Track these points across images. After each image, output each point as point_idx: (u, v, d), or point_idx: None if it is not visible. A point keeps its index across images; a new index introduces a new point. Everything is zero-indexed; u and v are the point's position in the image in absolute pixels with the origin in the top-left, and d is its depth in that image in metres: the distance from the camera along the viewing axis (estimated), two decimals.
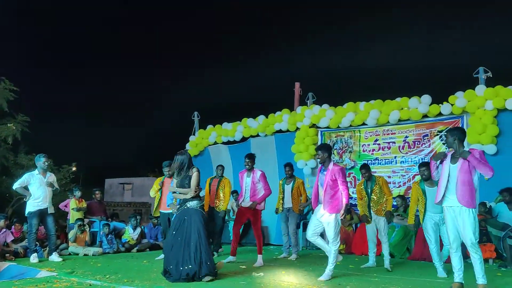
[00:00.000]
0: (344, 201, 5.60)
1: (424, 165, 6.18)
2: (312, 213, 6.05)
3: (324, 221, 5.67)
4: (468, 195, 4.71)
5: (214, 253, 7.70)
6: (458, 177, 4.78)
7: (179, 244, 5.38)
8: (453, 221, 4.82)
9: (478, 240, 4.72)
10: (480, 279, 4.64)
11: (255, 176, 7.06)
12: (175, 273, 5.24)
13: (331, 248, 5.64)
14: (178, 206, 5.76)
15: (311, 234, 5.82)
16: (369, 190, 6.73)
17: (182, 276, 5.17)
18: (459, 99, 8.20)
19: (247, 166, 7.15)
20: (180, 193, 5.67)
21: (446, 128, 8.51)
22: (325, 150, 5.79)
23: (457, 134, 4.94)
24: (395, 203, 8.62)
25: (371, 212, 6.69)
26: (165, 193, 7.71)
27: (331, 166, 5.71)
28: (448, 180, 4.85)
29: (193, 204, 5.61)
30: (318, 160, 5.85)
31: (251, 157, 7.25)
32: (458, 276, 4.84)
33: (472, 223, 4.68)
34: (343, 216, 5.66)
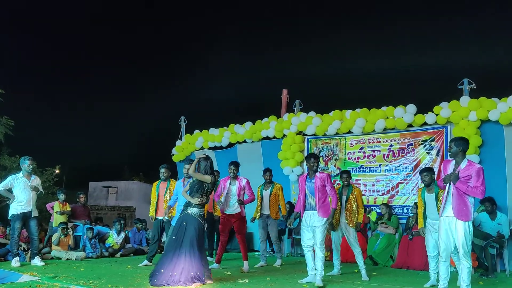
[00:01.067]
0: (333, 206, 5.79)
1: (426, 170, 6.11)
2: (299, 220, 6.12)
3: (314, 225, 5.78)
4: (463, 207, 4.79)
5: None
6: (453, 190, 4.86)
7: (175, 250, 5.43)
8: (447, 231, 4.89)
9: (470, 250, 4.83)
10: (465, 287, 4.74)
11: (241, 183, 7.13)
12: (161, 278, 5.24)
13: (318, 253, 5.72)
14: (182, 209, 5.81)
15: (307, 244, 5.89)
16: (345, 197, 6.77)
17: (168, 283, 5.18)
18: (444, 110, 8.33)
19: (232, 174, 7.21)
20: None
21: (431, 138, 8.64)
22: (318, 160, 6.04)
23: (463, 144, 4.92)
24: (379, 211, 8.73)
25: (343, 219, 6.71)
26: (161, 198, 7.64)
27: (317, 173, 5.85)
28: (448, 192, 4.90)
29: (193, 211, 5.64)
30: (315, 167, 5.92)
31: (237, 165, 7.33)
32: (443, 285, 4.96)
33: (467, 234, 4.77)
34: (330, 221, 5.77)
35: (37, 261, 7.24)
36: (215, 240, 8.75)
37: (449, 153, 5.16)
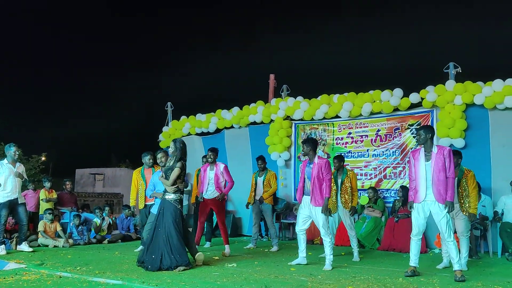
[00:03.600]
0: (326, 194, 5.83)
1: (454, 153, 5.92)
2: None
3: (313, 213, 5.88)
4: (443, 191, 5.06)
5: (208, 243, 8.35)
6: (433, 175, 5.07)
7: (159, 235, 5.53)
8: (424, 214, 5.19)
9: (453, 231, 5.17)
10: (455, 264, 5.04)
11: (218, 169, 7.28)
12: (152, 262, 5.37)
13: (325, 239, 5.88)
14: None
15: (300, 228, 6.05)
16: (339, 181, 6.86)
17: (152, 268, 5.32)
18: (430, 93, 8.37)
19: (210, 160, 7.36)
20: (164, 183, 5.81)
21: (417, 122, 8.69)
22: (309, 144, 6.02)
23: (431, 131, 5.23)
24: (366, 195, 8.81)
25: (339, 202, 6.81)
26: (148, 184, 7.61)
27: (316, 159, 5.93)
28: (426, 177, 5.13)
29: (170, 197, 5.71)
30: (302, 152, 6.01)
31: (214, 150, 7.45)
32: (414, 261, 5.24)
33: (448, 216, 5.10)
34: (324, 210, 5.81)
35: (24, 247, 7.19)
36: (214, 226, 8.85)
37: (418, 141, 5.37)
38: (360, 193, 9.01)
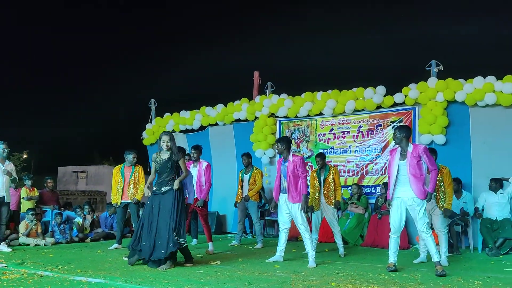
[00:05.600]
0: (303, 191, 5.85)
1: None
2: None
3: (290, 210, 5.90)
4: (421, 187, 5.21)
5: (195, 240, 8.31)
6: (409, 172, 5.24)
7: (153, 227, 5.56)
8: (400, 211, 5.33)
9: (429, 225, 5.34)
10: (434, 256, 5.19)
11: (201, 167, 7.21)
12: (148, 251, 5.44)
13: (304, 236, 5.90)
14: (154, 189, 5.77)
15: (282, 226, 6.07)
16: (322, 178, 6.90)
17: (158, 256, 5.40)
18: (412, 91, 8.45)
19: (193, 157, 7.32)
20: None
21: (399, 119, 8.77)
22: (283, 143, 6.02)
23: (405, 131, 5.39)
24: (350, 191, 8.88)
25: (322, 199, 6.85)
26: (126, 181, 7.62)
27: (291, 157, 5.95)
28: (397, 175, 5.31)
29: (172, 188, 5.70)
30: (276, 151, 6.02)
31: (198, 148, 7.43)
32: (393, 258, 5.36)
33: (424, 211, 5.25)
34: (304, 208, 5.83)
35: (3, 247, 7.08)
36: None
37: (394, 141, 5.52)
38: (342, 189, 9.09)
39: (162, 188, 5.67)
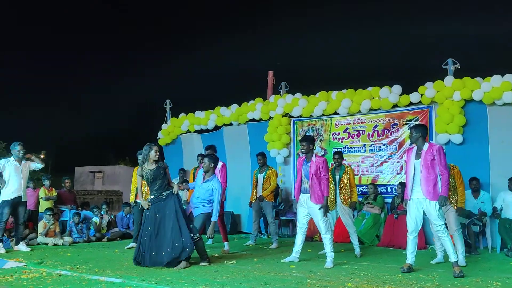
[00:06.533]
0: (325, 193, 5.84)
1: None
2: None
3: (312, 212, 5.87)
4: (432, 188, 5.18)
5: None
6: (422, 172, 5.22)
7: (157, 232, 5.63)
8: (417, 212, 5.30)
9: (445, 225, 5.28)
10: (451, 256, 5.15)
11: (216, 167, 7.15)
12: (149, 259, 5.52)
13: (325, 236, 5.88)
14: (152, 197, 5.80)
15: (301, 226, 6.07)
16: (338, 177, 6.88)
17: (162, 261, 5.47)
18: (428, 90, 8.36)
19: None
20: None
21: (415, 118, 8.69)
22: (310, 142, 6.03)
23: (421, 130, 5.35)
24: (366, 190, 8.83)
25: (338, 199, 6.83)
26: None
27: (314, 158, 5.93)
28: (414, 174, 5.28)
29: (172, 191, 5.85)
30: (303, 151, 5.99)
31: (211, 147, 7.49)
32: (411, 259, 5.33)
33: (439, 212, 5.21)
34: (325, 208, 5.82)
35: (22, 247, 7.19)
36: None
37: (410, 140, 5.53)
38: (358, 188, 9.05)
39: (163, 193, 5.76)
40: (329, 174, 6.94)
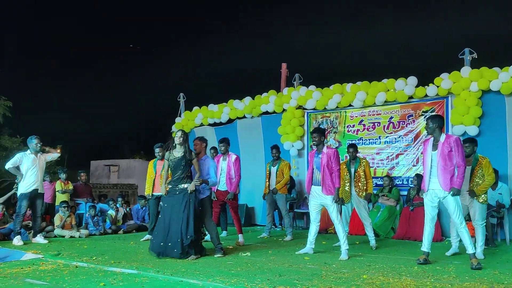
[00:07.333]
0: (336, 184, 5.81)
1: (468, 141, 5.90)
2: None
3: (324, 202, 5.86)
4: (450, 180, 5.12)
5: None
6: (438, 163, 5.16)
7: (172, 223, 5.66)
8: (433, 202, 5.28)
9: (463, 217, 5.23)
10: (469, 248, 5.08)
11: (230, 160, 7.26)
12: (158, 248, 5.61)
13: (338, 227, 5.88)
14: (170, 187, 5.86)
15: (314, 217, 6.05)
16: (353, 170, 6.86)
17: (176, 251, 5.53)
18: (445, 81, 8.23)
19: (221, 151, 7.38)
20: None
21: (431, 109, 8.57)
22: (321, 134, 6.02)
23: (438, 121, 5.28)
24: (381, 183, 8.76)
25: (353, 191, 6.80)
26: (158, 175, 7.77)
27: (325, 149, 5.92)
28: (431, 166, 5.24)
29: (194, 187, 5.81)
30: (314, 142, 5.98)
31: (225, 140, 7.45)
32: (427, 246, 5.34)
33: (457, 203, 5.15)
34: (336, 200, 5.79)
35: (39, 239, 7.29)
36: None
37: (427, 131, 5.43)
38: (373, 181, 8.97)
39: (178, 186, 5.76)
40: (342, 166, 6.93)
